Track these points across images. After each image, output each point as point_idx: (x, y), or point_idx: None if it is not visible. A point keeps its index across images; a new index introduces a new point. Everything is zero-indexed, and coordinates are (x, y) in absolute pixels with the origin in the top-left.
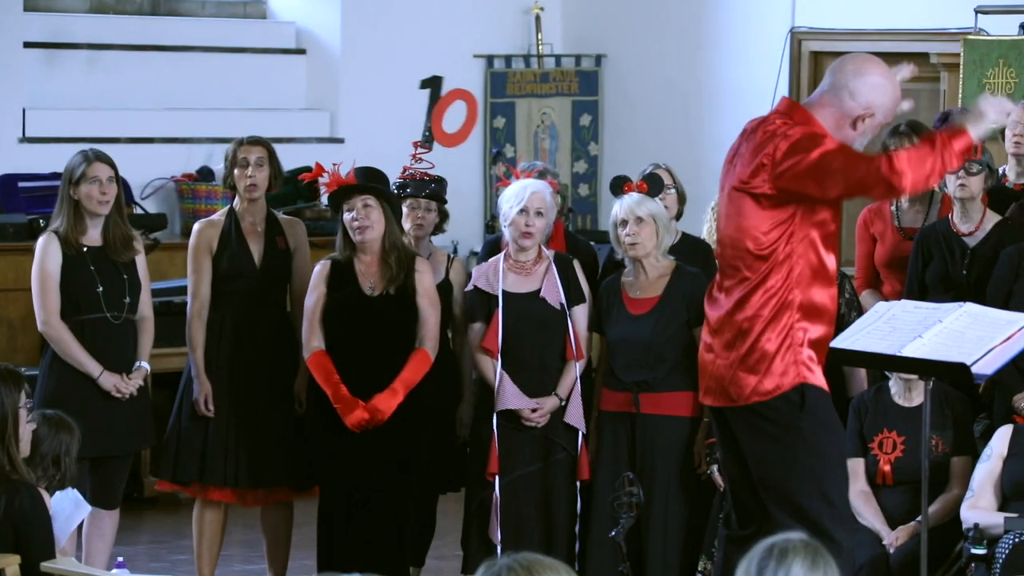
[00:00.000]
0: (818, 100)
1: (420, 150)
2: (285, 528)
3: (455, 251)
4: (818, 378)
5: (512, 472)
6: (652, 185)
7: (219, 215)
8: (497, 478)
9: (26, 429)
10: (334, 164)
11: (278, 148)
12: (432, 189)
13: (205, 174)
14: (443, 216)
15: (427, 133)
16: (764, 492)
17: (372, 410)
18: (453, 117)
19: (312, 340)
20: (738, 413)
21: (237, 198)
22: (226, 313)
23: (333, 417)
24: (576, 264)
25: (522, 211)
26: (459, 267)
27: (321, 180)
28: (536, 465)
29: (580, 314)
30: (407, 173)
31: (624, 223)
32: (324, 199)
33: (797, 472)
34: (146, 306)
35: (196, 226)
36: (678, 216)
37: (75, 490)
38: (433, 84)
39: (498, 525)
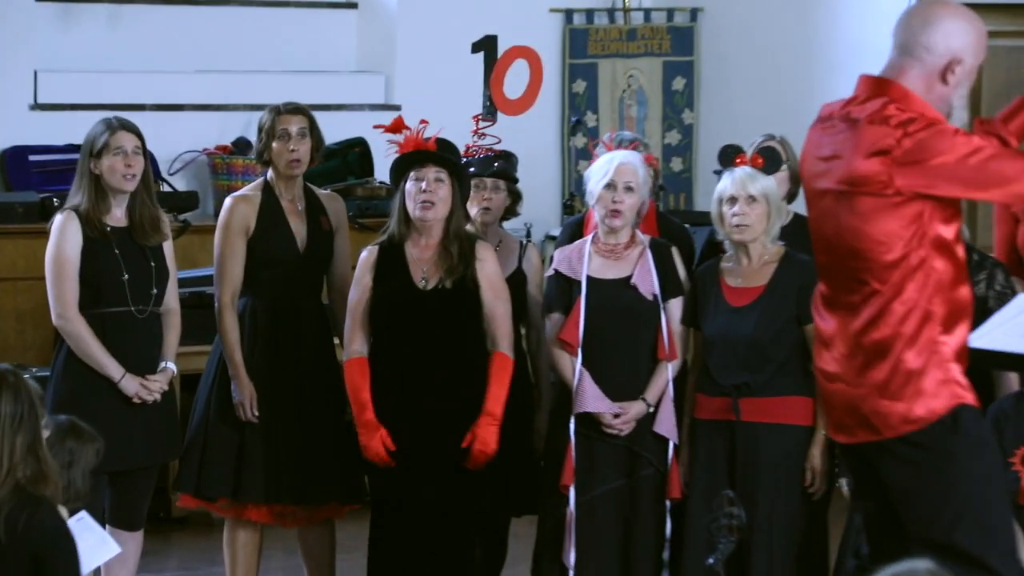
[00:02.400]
0: (898, 67)
1: (483, 124)
2: (329, 551)
3: (528, 235)
4: (973, 396)
5: (591, 489)
6: (769, 160)
7: (251, 189)
8: (572, 491)
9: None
10: (421, 121)
11: (326, 116)
12: (499, 166)
13: (242, 146)
14: (515, 198)
15: (488, 103)
16: (916, 531)
17: (482, 445)
18: (515, 80)
19: (353, 342)
20: (883, 445)
21: (271, 171)
22: (259, 303)
23: (388, 427)
24: (675, 252)
25: (609, 185)
26: (533, 254)
27: (394, 137)
28: (619, 482)
29: (676, 309)
30: (471, 150)
31: (732, 201)
32: (381, 176)
33: (954, 503)
34: (173, 298)
35: (228, 201)
36: (791, 198)
37: (91, 518)
38: (487, 46)
39: (572, 547)
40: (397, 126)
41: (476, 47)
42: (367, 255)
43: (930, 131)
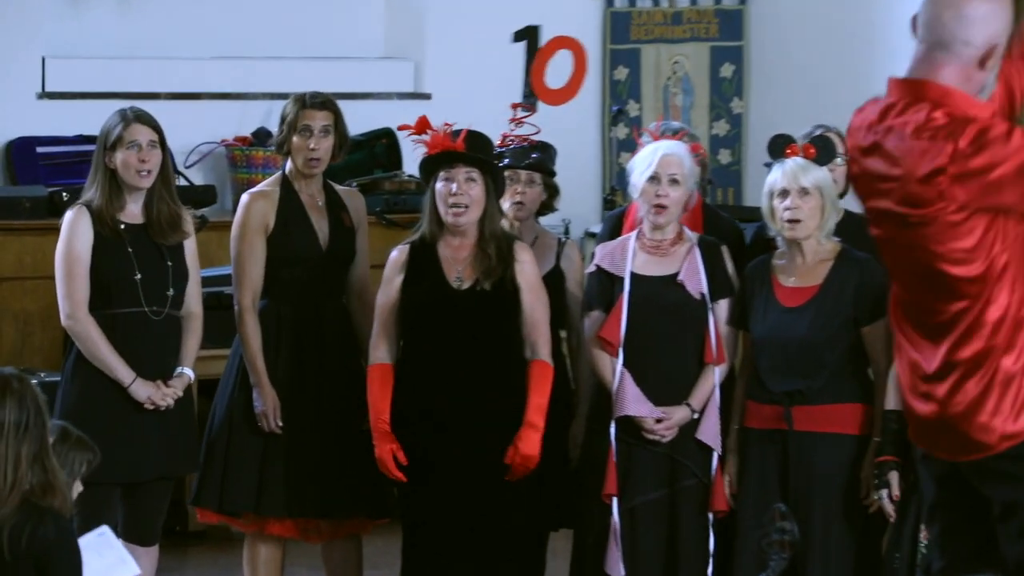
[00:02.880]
0: (931, 62)
1: (521, 112)
2: (355, 567)
3: (566, 232)
4: None
5: (630, 498)
6: (822, 151)
7: (269, 184)
8: (615, 501)
9: None
10: (446, 124)
11: (352, 105)
12: (535, 158)
13: (262, 137)
14: (552, 191)
15: (528, 91)
16: (1008, 547)
17: (524, 459)
18: (557, 70)
19: (378, 348)
20: (984, 464)
21: (289, 164)
22: (282, 306)
23: (416, 438)
24: (725, 252)
25: (653, 178)
26: (573, 252)
27: (420, 137)
28: (659, 492)
29: (725, 310)
30: (507, 140)
31: (784, 194)
32: (410, 169)
33: None
34: (194, 300)
35: (244, 198)
36: (842, 193)
37: (112, 534)
38: (528, 36)
39: (620, 558)
40: (422, 126)
41: (518, 36)
42: (397, 254)
43: (983, 139)
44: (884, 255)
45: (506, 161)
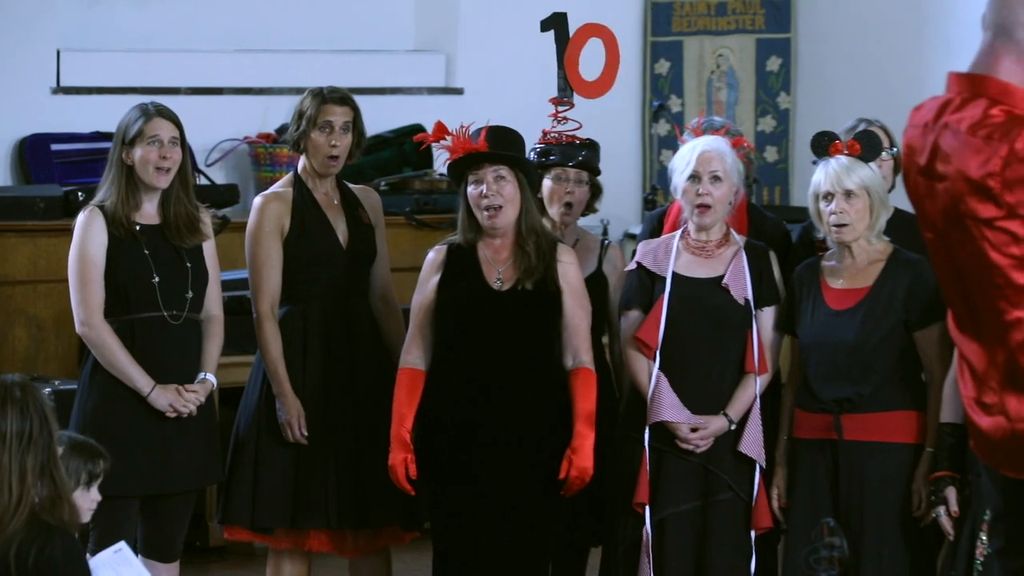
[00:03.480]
0: (992, 53)
1: (561, 108)
2: None
3: (605, 233)
4: None
5: (660, 509)
6: (867, 146)
7: (282, 185)
8: (648, 511)
9: None
10: (462, 126)
11: (381, 100)
12: (584, 156)
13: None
14: (595, 191)
15: (563, 84)
16: None
17: (580, 471)
18: (591, 60)
19: (411, 351)
20: None
21: (302, 163)
22: (309, 309)
23: (451, 445)
24: (773, 258)
25: (692, 177)
26: (616, 255)
27: (441, 144)
28: (692, 504)
29: (770, 318)
30: (549, 137)
31: (829, 196)
32: (441, 167)
33: None
34: (215, 303)
35: (257, 201)
36: (890, 187)
37: (129, 549)
38: (556, 24)
39: (651, 570)
40: (438, 132)
41: (545, 25)
42: (434, 255)
43: None
44: (935, 261)
45: (553, 159)
